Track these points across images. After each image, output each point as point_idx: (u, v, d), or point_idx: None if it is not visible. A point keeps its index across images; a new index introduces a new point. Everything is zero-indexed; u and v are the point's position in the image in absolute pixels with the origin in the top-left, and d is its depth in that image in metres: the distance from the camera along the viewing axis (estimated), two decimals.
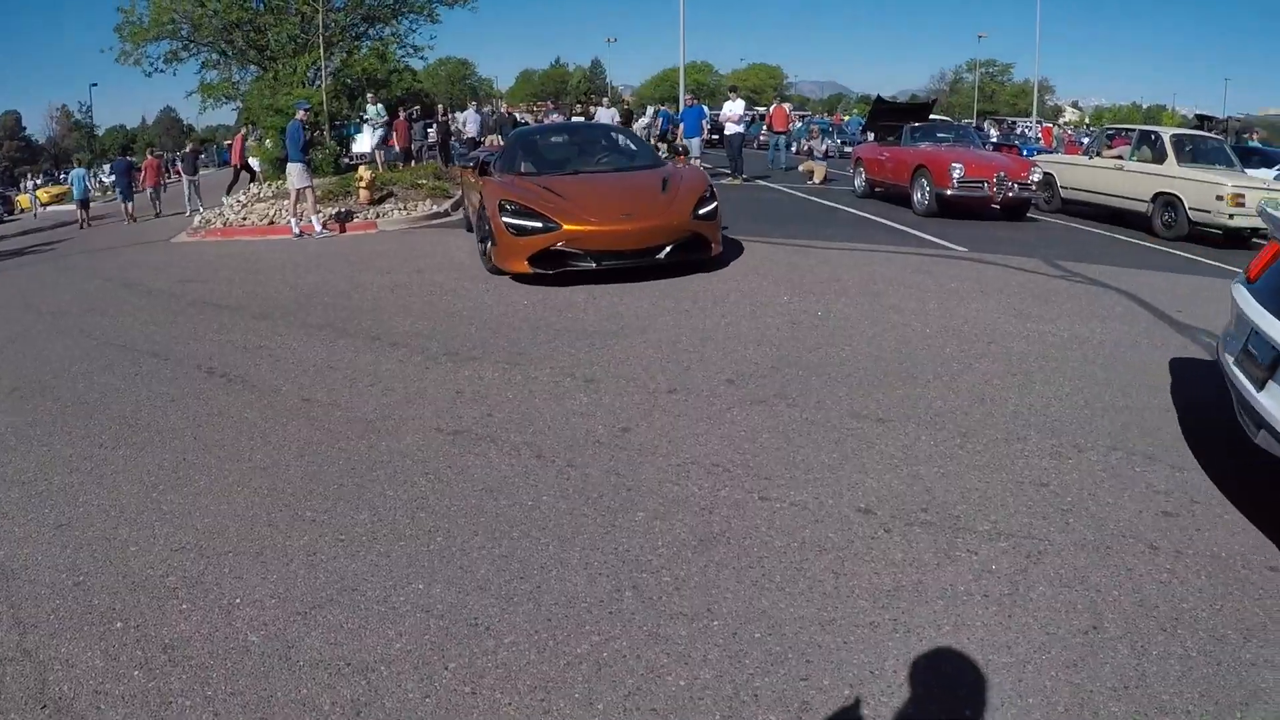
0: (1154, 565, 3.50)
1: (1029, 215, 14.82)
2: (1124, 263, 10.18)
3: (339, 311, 8.20)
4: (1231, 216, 12.31)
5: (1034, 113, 58.67)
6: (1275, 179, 14.55)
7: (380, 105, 22.75)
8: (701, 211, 8.95)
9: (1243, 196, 12.14)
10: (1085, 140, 27.61)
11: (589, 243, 8.51)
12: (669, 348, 6.46)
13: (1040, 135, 46.97)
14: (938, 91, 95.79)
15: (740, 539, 3.67)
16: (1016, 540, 3.63)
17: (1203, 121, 32.41)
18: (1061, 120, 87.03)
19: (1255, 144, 23.22)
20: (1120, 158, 14.82)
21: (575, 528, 3.80)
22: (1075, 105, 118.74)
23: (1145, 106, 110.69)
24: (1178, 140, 14.07)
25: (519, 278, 8.82)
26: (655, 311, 7.54)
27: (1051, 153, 27.02)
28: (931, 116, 21.35)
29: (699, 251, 8.86)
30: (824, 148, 34.39)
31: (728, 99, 23.70)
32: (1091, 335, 6.64)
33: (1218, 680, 2.83)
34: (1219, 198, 12.36)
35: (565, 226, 8.44)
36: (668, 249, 8.67)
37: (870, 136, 20.38)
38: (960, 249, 10.82)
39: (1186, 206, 12.80)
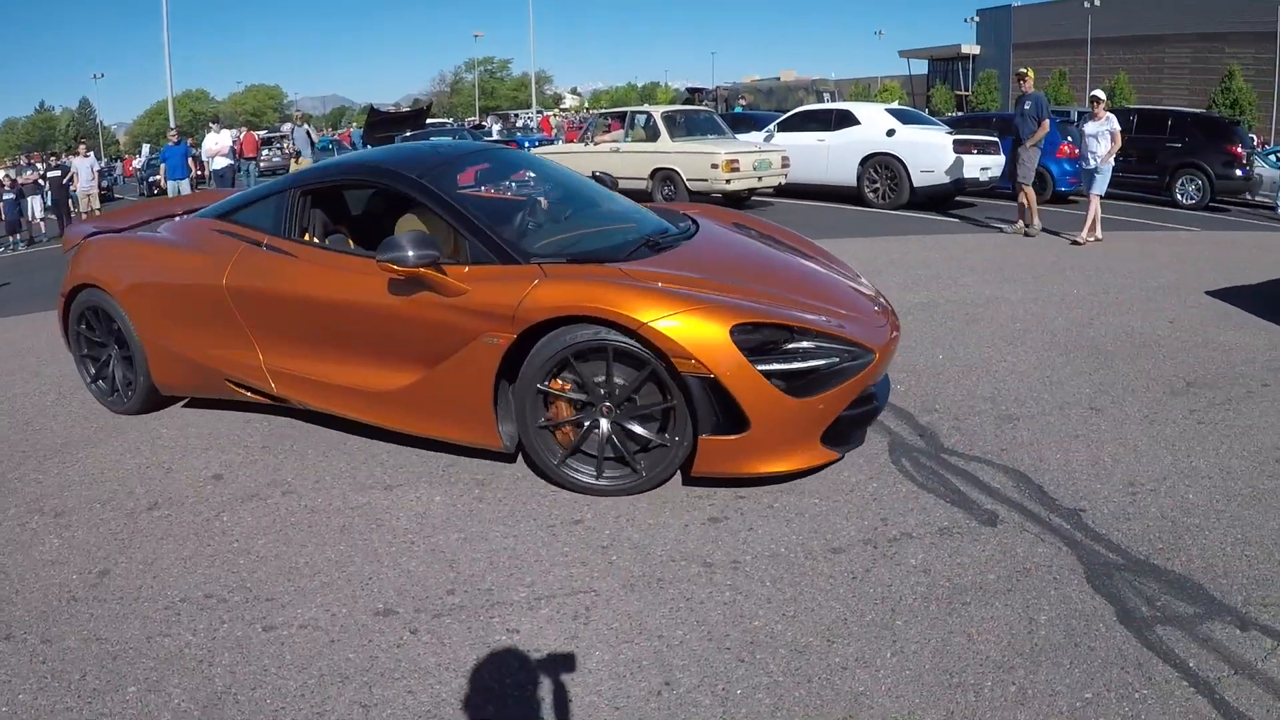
0: (713, 585, 3.71)
1: None
2: None
3: None
4: (729, 181, 14.78)
5: (533, 104, 62.26)
6: (765, 140, 17.34)
7: None
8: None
9: (736, 162, 14.76)
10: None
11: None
12: (149, 450, 5.49)
13: (540, 126, 49.28)
14: (439, 93, 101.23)
15: (250, 693, 3.16)
16: (559, 601, 3.62)
17: (693, 94, 35.66)
18: (561, 107, 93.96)
19: (740, 109, 26.07)
20: (617, 141, 16.28)
21: None
22: (574, 91, 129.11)
23: (641, 85, 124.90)
24: (668, 117, 15.92)
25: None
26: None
27: (552, 142, 28.52)
28: (429, 120, 22.17)
29: None
30: None
31: (209, 131, 23.05)
32: None
33: (814, 699, 3.05)
34: (714, 166, 14.70)
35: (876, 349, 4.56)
36: None
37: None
38: None
39: (685, 179, 14.91)
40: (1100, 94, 13.53)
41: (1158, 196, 19.79)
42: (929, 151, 15.92)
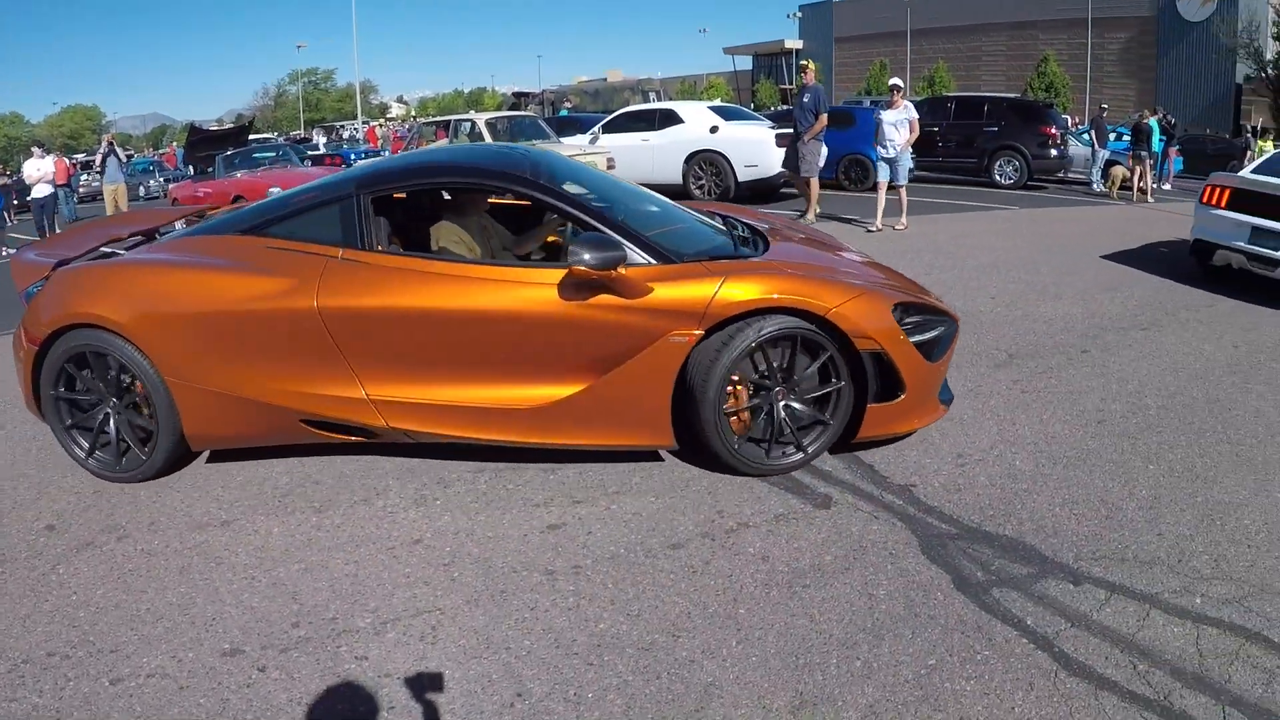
0: (557, 593, 3.74)
1: None
2: None
3: None
4: None
5: (359, 114, 60.91)
6: (590, 143, 17.36)
7: None
8: None
9: None
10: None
11: None
12: None
13: (366, 137, 48.14)
14: (263, 107, 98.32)
15: None
16: (405, 623, 3.59)
17: (519, 98, 36.15)
18: (387, 117, 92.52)
19: (566, 113, 26.51)
20: None
21: None
22: (401, 100, 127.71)
23: (468, 91, 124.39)
24: (492, 124, 16.12)
25: None
26: None
27: (378, 153, 28.26)
28: (252, 136, 21.94)
29: None
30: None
31: (31, 155, 21.74)
32: None
33: (665, 694, 3.13)
34: None
35: (957, 317, 5.21)
36: None
37: (191, 170, 19.47)
38: None
39: None
40: (898, 82, 13.86)
41: (977, 179, 20.95)
42: (752, 146, 16.35)
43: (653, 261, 4.58)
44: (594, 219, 4.68)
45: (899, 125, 12.99)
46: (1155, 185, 20.70)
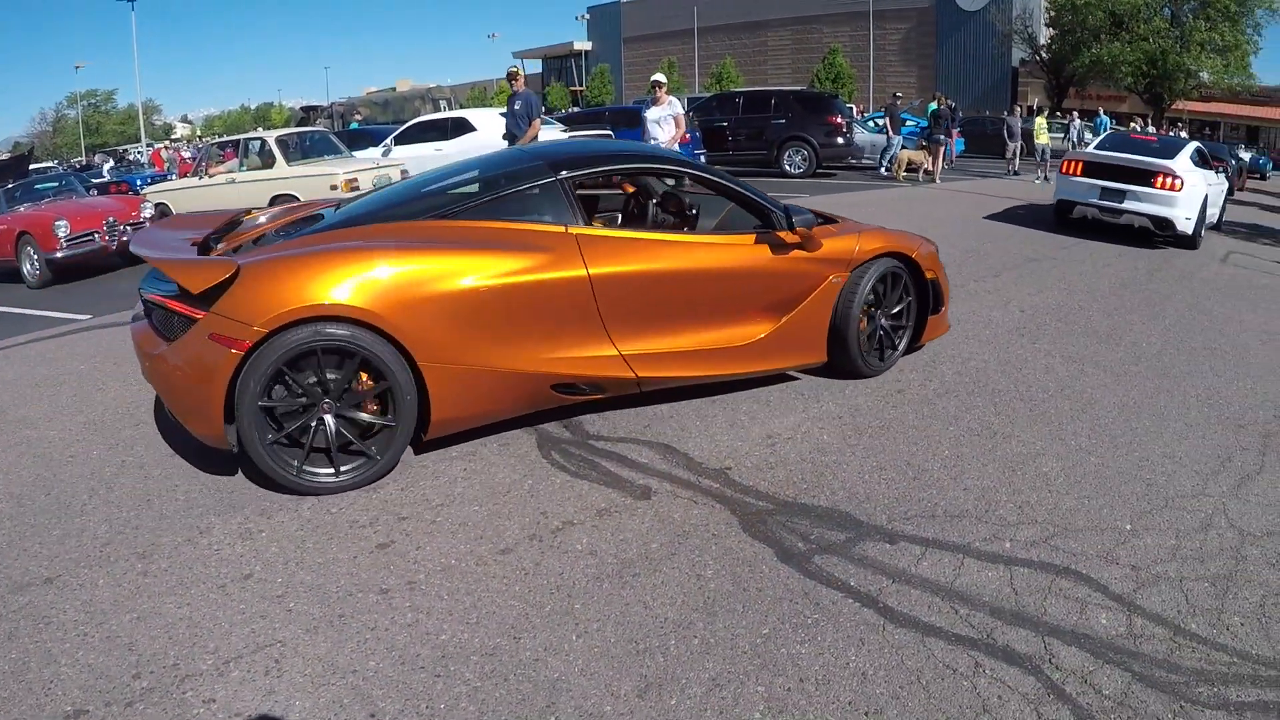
0: (395, 610, 3.74)
1: None
2: None
3: None
4: None
5: (142, 136, 57.77)
6: (383, 155, 17.24)
7: None
8: None
9: (355, 181, 14.50)
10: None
11: None
12: None
13: (151, 160, 45.22)
14: (41, 134, 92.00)
15: None
16: (248, 660, 3.51)
17: (308, 112, 35.96)
18: (173, 138, 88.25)
19: (356, 125, 26.51)
20: (232, 171, 15.87)
21: None
22: (186, 119, 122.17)
23: (255, 106, 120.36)
24: (282, 141, 15.60)
25: None
26: None
27: (166, 177, 26.47)
28: (33, 166, 20.98)
29: None
30: None
31: None
32: None
33: (514, 695, 3.21)
34: (333, 187, 14.36)
35: None
36: None
37: None
38: (84, 317, 9.91)
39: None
40: (661, 78, 13.71)
41: (768, 169, 21.92)
42: None
43: (790, 227, 5.76)
44: (754, 195, 5.94)
45: (663, 122, 12.85)
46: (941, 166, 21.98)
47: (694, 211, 6.59)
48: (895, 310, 6.37)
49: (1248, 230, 18.05)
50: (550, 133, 17.13)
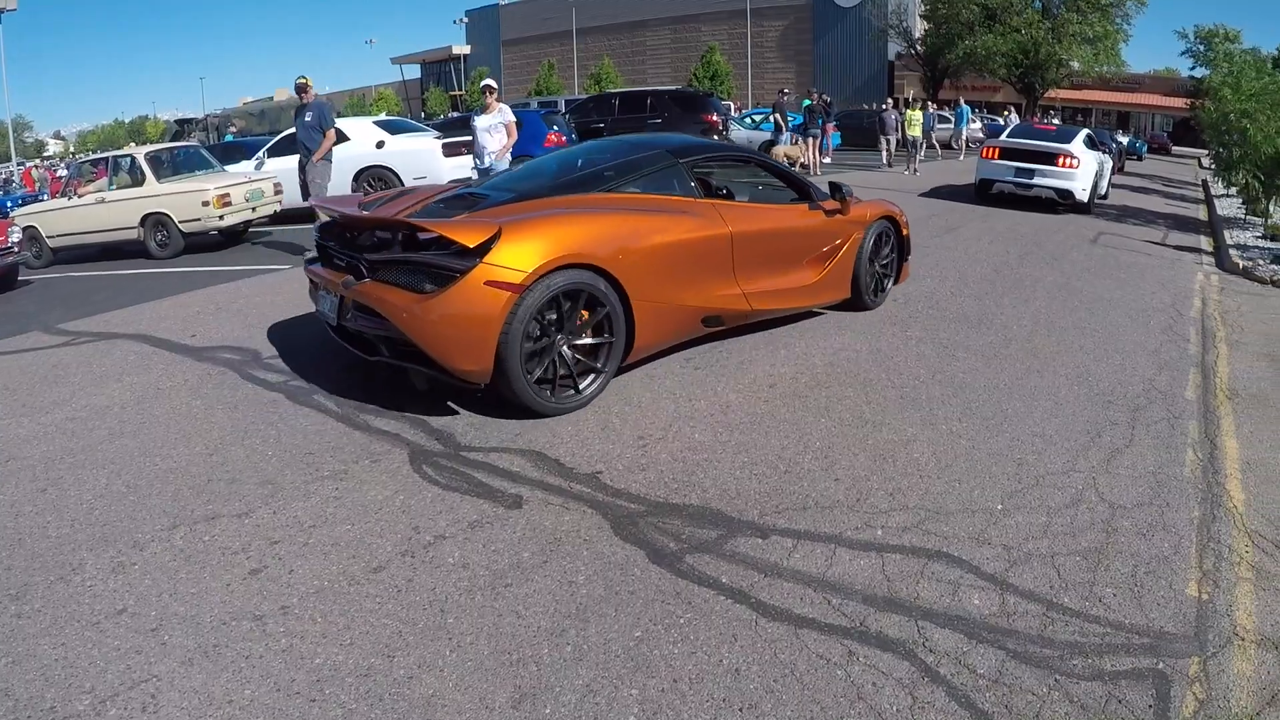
0: (269, 636, 3.66)
1: (22, 279, 14.16)
2: (130, 301, 10.05)
3: None
4: (222, 217, 14.48)
5: (13, 155, 59.72)
6: (257, 168, 16.94)
7: None
8: None
9: (227, 196, 14.38)
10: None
11: None
12: None
13: (22, 179, 44.23)
14: None
15: None
16: (124, 698, 3.41)
17: (182, 125, 35.63)
18: (44, 155, 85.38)
19: (231, 137, 26.30)
20: (102, 190, 15.47)
21: None
22: (59, 135, 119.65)
23: (129, 120, 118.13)
24: (152, 158, 15.35)
25: None
26: None
27: (38, 197, 25.38)
28: None
29: None
30: None
31: None
32: (112, 403, 6.32)
33: (390, 715, 3.20)
34: (205, 203, 14.17)
35: None
36: None
37: None
38: None
39: (177, 221, 14.28)
40: (491, 83, 12.98)
41: None
42: (420, 158, 16.42)
43: (821, 199, 7.83)
44: (795, 178, 8.08)
45: (493, 130, 12.15)
46: (818, 159, 22.39)
47: (725, 190, 7.74)
48: (885, 261, 8.48)
49: (1117, 211, 18.88)
50: (423, 140, 16.99)
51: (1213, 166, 20.92)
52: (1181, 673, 3.36)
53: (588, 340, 5.71)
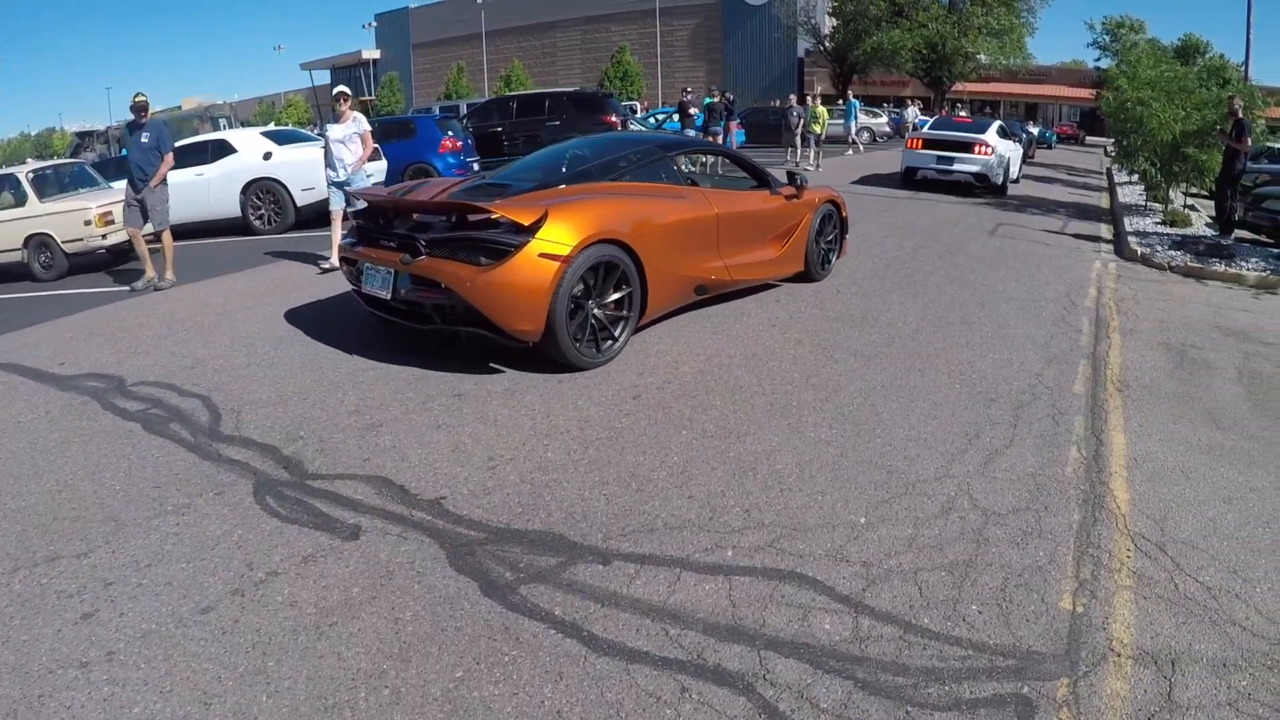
0: (91, 685, 3.47)
1: None
2: (9, 326, 9.56)
3: None
4: (105, 236, 14.00)
5: None
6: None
7: None
8: None
9: (110, 214, 13.94)
10: None
11: None
12: None
13: None
14: None
15: None
16: None
17: (83, 138, 35.10)
18: None
19: (127, 152, 26.10)
20: None
21: None
22: None
23: (35, 133, 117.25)
24: (36, 178, 15.01)
25: None
26: None
27: None
28: None
29: None
30: None
31: None
32: None
33: None
34: (87, 222, 13.82)
35: None
36: None
37: None
38: None
39: (59, 240, 14.07)
40: (344, 90, 12.16)
41: None
42: (308, 168, 15.75)
43: (779, 187, 9.12)
44: (756, 169, 9.39)
45: (348, 141, 11.44)
46: None
47: (707, 179, 9.86)
48: (830, 238, 9.88)
49: (1018, 202, 19.15)
50: (312, 151, 16.47)
51: (1114, 154, 22.02)
52: (1048, 696, 3.21)
53: (612, 301, 6.71)
